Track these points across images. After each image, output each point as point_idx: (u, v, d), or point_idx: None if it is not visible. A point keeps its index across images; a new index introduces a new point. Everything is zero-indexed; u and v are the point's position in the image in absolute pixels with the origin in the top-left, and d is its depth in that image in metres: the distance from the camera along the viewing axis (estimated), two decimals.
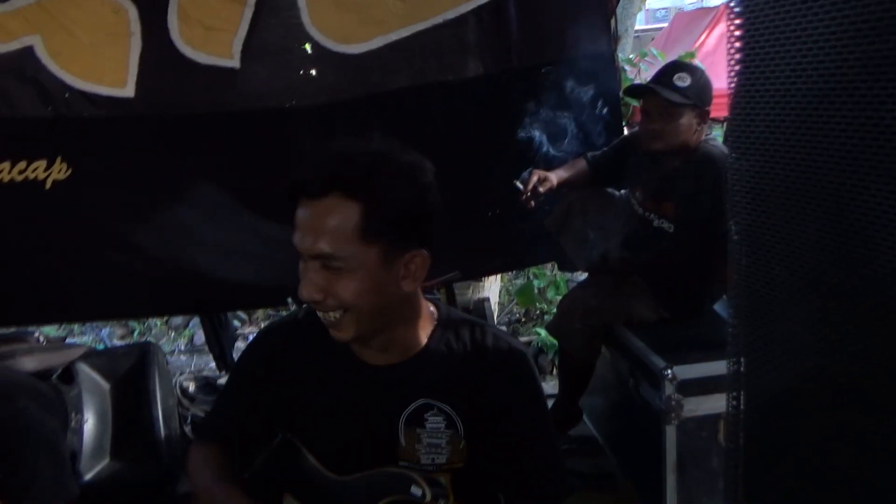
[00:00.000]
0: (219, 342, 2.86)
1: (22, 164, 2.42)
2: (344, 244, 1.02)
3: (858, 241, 0.89)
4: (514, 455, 1.15)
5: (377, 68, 2.64)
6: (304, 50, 2.61)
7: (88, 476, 2.13)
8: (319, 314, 1.09)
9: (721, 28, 6.45)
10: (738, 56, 1.03)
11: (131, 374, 2.35)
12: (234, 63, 2.52)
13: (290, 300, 2.50)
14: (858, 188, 0.87)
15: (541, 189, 2.29)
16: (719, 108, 2.28)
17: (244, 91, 2.56)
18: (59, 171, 2.45)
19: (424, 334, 1.17)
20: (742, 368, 1.42)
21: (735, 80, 1.08)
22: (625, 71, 4.21)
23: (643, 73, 4.63)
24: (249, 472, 1.22)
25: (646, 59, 5.02)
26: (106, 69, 2.44)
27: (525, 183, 2.31)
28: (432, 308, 1.21)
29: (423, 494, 1.06)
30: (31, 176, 2.43)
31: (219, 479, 1.16)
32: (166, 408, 2.32)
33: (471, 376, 1.15)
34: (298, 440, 1.20)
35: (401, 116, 2.66)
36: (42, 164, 2.44)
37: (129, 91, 2.47)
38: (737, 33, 1.03)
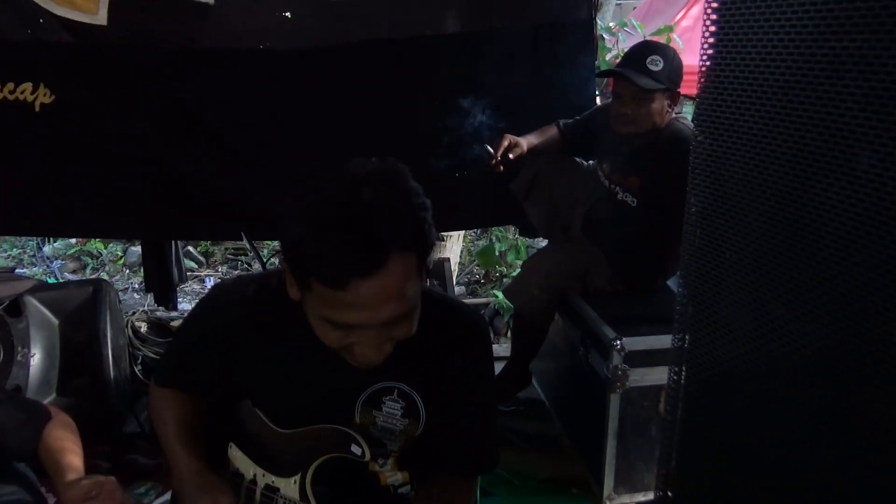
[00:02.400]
0: (160, 280, 2.91)
1: (10, 86, 2.53)
2: (414, 295, 0.97)
3: (807, 233, 0.92)
4: (456, 427, 1.17)
5: (356, 17, 2.60)
6: None
7: None
8: (359, 361, 1.01)
9: (702, 4, 6.41)
10: (711, 41, 1.04)
11: (82, 310, 2.31)
12: None
13: (243, 234, 2.55)
14: (811, 181, 0.90)
15: (511, 155, 2.28)
16: (692, 86, 2.28)
17: (217, 28, 2.55)
18: (44, 95, 2.56)
19: None
20: (686, 344, 1.48)
21: (706, 63, 1.09)
22: (603, 39, 4.17)
23: (621, 44, 4.60)
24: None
25: (625, 28, 4.98)
26: None
27: (495, 147, 2.30)
28: None
29: (363, 454, 1.08)
30: (21, 98, 2.55)
31: (175, 434, 1.20)
32: (116, 347, 2.29)
33: (435, 355, 1.13)
34: (249, 399, 1.20)
35: (377, 69, 2.63)
36: (28, 87, 2.55)
37: (101, 18, 2.49)
38: (712, 17, 1.03)
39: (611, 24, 4.85)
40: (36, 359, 2.16)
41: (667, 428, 1.50)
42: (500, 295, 3.64)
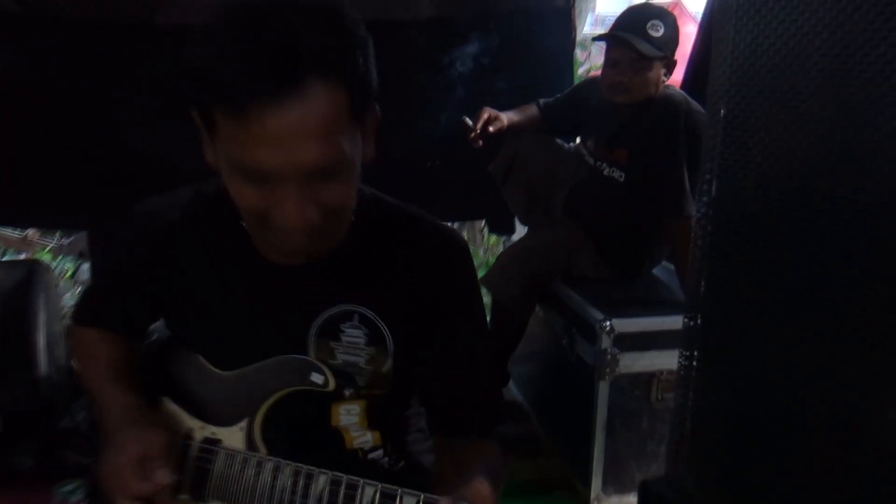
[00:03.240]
0: None
1: None
2: (342, 139, 0.77)
3: (823, 200, 0.80)
4: (447, 369, 0.99)
5: None
6: None
7: None
8: (293, 239, 0.82)
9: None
10: None
11: (12, 294, 2.07)
12: None
13: None
14: (866, 88, 0.77)
15: (491, 128, 2.15)
16: None
17: (176, 4, 2.40)
18: None
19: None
20: (699, 324, 1.30)
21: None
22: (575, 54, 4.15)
23: (593, 58, 4.60)
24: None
25: (597, 43, 4.99)
26: None
27: (475, 120, 2.17)
28: None
29: (326, 382, 0.89)
30: None
31: (105, 370, 1.00)
32: (51, 333, 2.05)
33: (402, 274, 0.96)
34: (182, 337, 1.01)
35: None
36: None
37: None
38: None
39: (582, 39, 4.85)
40: None
41: (677, 416, 1.33)
42: None
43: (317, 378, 0.88)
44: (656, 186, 2.01)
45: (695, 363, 1.31)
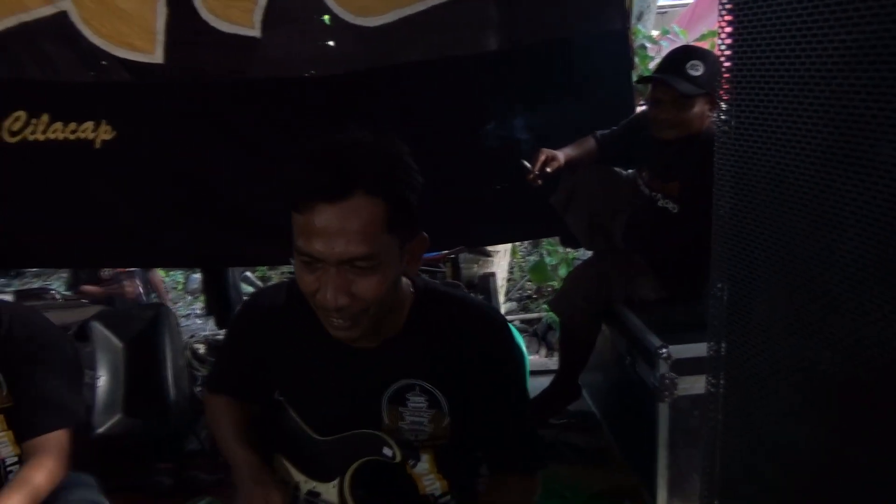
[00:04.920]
0: (220, 304, 3.04)
1: (73, 125, 2.68)
2: (375, 242, 1.00)
3: (829, 229, 0.91)
4: (493, 428, 1.21)
5: (393, 41, 2.68)
6: (323, 21, 2.68)
7: (101, 429, 2.25)
8: (333, 319, 1.06)
9: None
10: (728, 41, 1.05)
11: (144, 334, 2.43)
12: (256, 32, 2.62)
13: (292, 260, 2.62)
14: (833, 176, 0.90)
15: (548, 169, 2.30)
16: None
17: (266, 59, 2.68)
18: (105, 132, 2.69)
19: (404, 312, 1.18)
20: (723, 352, 1.45)
21: (725, 64, 1.09)
22: (645, 49, 4.15)
23: (664, 51, 4.55)
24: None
25: (667, 36, 4.94)
26: (134, 36, 2.61)
27: (532, 162, 2.32)
28: (408, 282, 1.20)
29: (394, 455, 1.12)
30: (82, 136, 2.68)
31: (232, 434, 1.27)
32: (177, 368, 2.40)
33: (452, 352, 1.17)
34: (291, 406, 1.26)
35: (416, 89, 2.69)
36: (90, 125, 2.68)
37: (157, 57, 2.65)
38: (727, 18, 1.04)
39: (653, 32, 4.82)
40: (102, 381, 2.28)
41: (708, 437, 1.47)
42: None
43: (387, 451, 1.12)
44: (708, 217, 2.10)
45: (721, 388, 1.45)
